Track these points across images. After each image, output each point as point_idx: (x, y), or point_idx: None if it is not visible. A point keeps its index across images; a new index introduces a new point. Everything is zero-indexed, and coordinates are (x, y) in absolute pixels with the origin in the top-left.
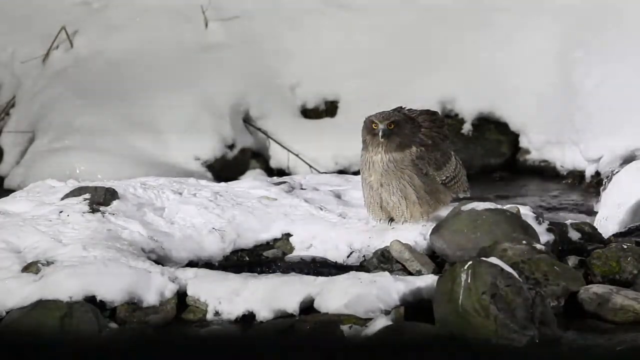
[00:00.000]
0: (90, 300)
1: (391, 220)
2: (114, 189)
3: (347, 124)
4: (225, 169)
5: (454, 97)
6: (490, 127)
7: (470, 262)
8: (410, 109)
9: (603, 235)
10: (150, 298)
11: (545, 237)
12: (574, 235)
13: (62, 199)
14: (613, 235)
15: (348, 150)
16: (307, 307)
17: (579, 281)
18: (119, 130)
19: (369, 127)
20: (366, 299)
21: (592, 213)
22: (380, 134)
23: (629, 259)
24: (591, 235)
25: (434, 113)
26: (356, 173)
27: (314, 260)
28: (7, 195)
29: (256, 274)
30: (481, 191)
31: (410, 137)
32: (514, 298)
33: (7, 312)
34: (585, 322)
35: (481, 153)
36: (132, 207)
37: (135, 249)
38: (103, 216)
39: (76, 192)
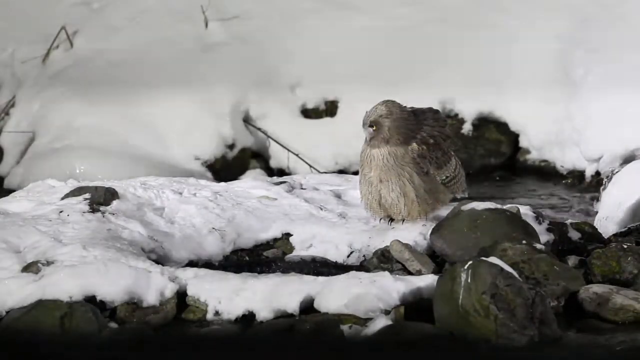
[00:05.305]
0: (90, 300)
1: (391, 220)
2: (114, 189)
3: (347, 124)
4: (225, 169)
5: (454, 97)
6: (490, 127)
7: (470, 262)
8: (413, 108)
9: (603, 235)
10: (150, 298)
11: (545, 237)
12: (574, 235)
13: (62, 198)
14: (613, 235)
15: (348, 150)
16: (307, 307)
17: (579, 281)
18: (119, 130)
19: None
20: (366, 298)
21: (592, 213)
22: (367, 137)
23: (629, 259)
24: (591, 235)
25: (437, 112)
26: (356, 173)
27: (314, 260)
28: (7, 195)
29: (256, 274)
30: (481, 191)
31: (406, 131)
32: (514, 298)
33: (7, 312)
34: (585, 322)
35: (481, 153)
36: (132, 207)
37: (135, 249)
38: (103, 216)
39: (76, 192)
